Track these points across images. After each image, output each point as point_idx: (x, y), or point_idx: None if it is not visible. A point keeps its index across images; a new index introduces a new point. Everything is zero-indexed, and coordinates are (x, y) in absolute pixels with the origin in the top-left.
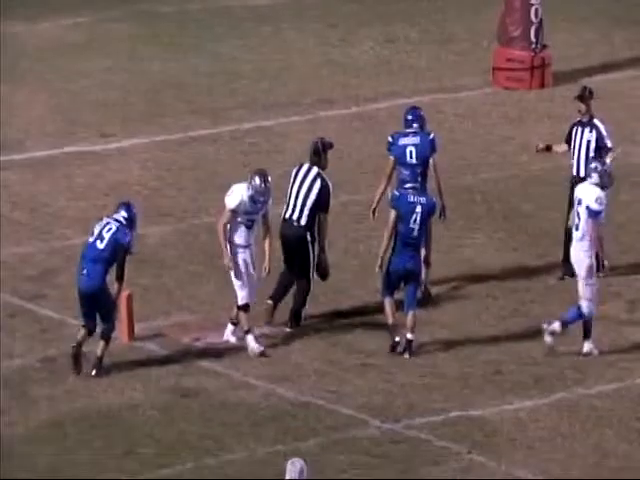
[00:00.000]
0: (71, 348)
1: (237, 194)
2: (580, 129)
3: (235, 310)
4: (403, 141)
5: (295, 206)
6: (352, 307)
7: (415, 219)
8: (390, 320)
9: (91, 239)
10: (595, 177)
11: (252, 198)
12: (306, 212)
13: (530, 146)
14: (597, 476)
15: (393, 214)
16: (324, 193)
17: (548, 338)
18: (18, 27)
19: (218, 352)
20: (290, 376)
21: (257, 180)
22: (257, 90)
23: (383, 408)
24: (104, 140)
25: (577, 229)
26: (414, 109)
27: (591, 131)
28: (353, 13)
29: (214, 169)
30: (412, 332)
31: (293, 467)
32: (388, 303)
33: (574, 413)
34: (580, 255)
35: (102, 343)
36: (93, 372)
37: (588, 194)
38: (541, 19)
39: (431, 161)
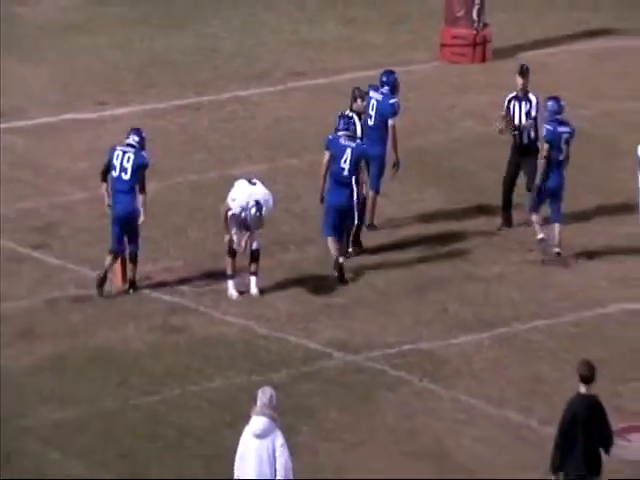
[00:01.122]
0: (97, 276)
1: (238, 202)
2: (517, 102)
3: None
4: (371, 94)
5: None
6: (318, 254)
7: (345, 160)
8: (334, 254)
9: (115, 173)
10: None
11: (244, 213)
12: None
13: (474, 113)
14: (532, 400)
15: (327, 155)
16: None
17: None
18: (23, 8)
19: (201, 293)
20: (264, 315)
21: (253, 210)
22: (235, 64)
23: (345, 342)
24: (100, 108)
25: None
26: (389, 73)
27: (527, 103)
28: None
29: (197, 134)
30: (343, 257)
31: (264, 394)
32: (330, 241)
33: (512, 346)
34: None
35: (131, 266)
36: (130, 291)
37: None
38: (482, 1)
39: (390, 122)
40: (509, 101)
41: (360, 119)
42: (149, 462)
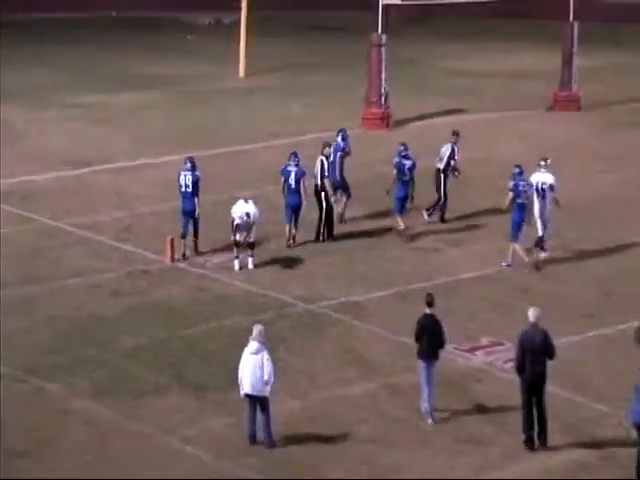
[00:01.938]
0: (182, 254)
1: (237, 214)
2: (450, 147)
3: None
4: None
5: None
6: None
7: (292, 178)
8: (287, 240)
9: (183, 189)
10: (544, 170)
11: (240, 220)
12: (320, 178)
13: (382, 159)
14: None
15: (282, 179)
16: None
17: (542, 255)
18: (109, 97)
19: (218, 268)
20: (256, 281)
21: (245, 217)
22: (235, 130)
23: (306, 297)
24: (157, 156)
25: (544, 197)
26: (342, 130)
27: (454, 150)
28: (288, 90)
29: (211, 174)
30: (294, 238)
31: (256, 328)
32: (287, 227)
33: (405, 298)
34: (547, 208)
35: (193, 243)
36: (185, 257)
37: (547, 178)
38: (387, 92)
39: (339, 154)
40: (453, 148)
41: (327, 159)
42: (188, 369)
